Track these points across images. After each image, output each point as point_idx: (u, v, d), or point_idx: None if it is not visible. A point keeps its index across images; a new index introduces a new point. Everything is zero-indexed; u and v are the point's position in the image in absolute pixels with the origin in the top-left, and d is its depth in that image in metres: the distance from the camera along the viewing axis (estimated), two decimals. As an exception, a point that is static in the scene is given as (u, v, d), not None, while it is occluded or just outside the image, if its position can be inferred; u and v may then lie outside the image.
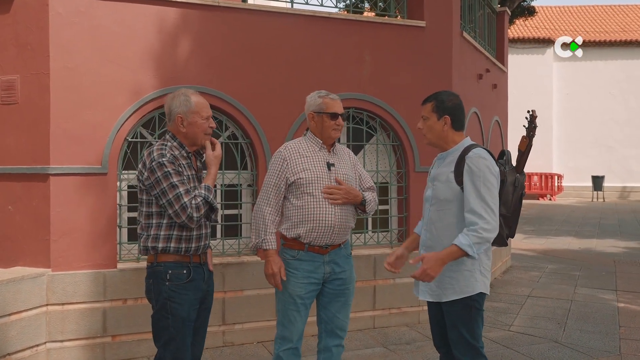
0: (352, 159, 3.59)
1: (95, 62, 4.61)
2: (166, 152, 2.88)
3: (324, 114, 3.39)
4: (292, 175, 3.32)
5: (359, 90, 5.54)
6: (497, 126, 8.59)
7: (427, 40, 5.85)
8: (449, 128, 3.04)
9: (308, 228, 3.28)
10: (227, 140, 5.21)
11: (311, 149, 3.42)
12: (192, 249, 2.94)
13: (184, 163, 2.94)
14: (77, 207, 4.55)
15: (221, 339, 4.93)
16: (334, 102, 3.42)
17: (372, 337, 5.25)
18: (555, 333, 5.44)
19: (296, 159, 3.35)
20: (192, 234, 2.93)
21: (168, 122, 3.03)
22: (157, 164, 2.83)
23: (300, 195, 3.31)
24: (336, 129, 3.40)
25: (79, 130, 4.55)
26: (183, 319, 2.88)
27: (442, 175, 3.06)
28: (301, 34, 5.36)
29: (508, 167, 3.14)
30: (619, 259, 9.77)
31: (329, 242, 3.34)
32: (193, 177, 2.98)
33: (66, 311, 4.48)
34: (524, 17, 19.93)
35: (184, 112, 2.95)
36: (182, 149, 2.98)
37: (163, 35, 4.85)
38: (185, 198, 2.82)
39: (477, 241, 2.81)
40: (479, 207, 2.84)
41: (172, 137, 2.99)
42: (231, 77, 5.07)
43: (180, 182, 2.84)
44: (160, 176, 2.82)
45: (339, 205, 3.32)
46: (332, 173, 3.37)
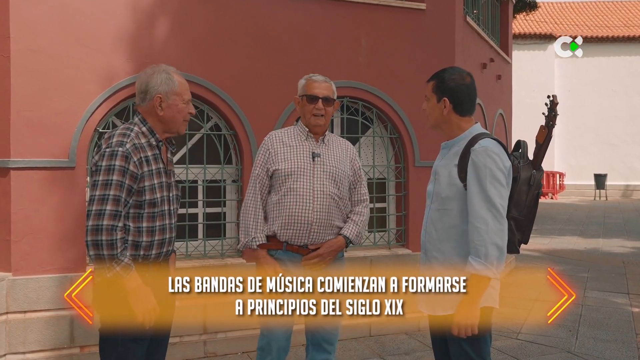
0: (350, 154, 3.22)
1: (62, 44, 4.21)
2: (127, 142, 2.41)
3: (304, 96, 3.09)
4: (272, 165, 3.03)
5: (354, 77, 5.10)
6: (501, 119, 8.16)
7: (428, 24, 5.41)
8: (449, 112, 2.60)
9: (282, 224, 2.98)
10: (210, 131, 4.78)
11: (297, 137, 3.11)
12: (152, 256, 2.51)
13: (149, 155, 2.48)
14: (41, 205, 4.13)
15: (202, 349, 4.49)
16: (316, 83, 3.09)
17: (367, 346, 4.82)
18: (567, 342, 5.01)
19: (279, 148, 3.06)
20: (153, 240, 2.49)
21: (140, 102, 2.56)
22: (110, 153, 2.37)
23: (279, 188, 3.01)
24: (316, 115, 3.05)
25: (44, 120, 4.15)
26: (134, 338, 2.44)
27: (445, 168, 2.62)
28: (291, 16, 4.92)
29: (523, 161, 2.68)
30: (628, 260, 9.36)
31: (307, 241, 3.00)
32: (160, 171, 2.52)
33: (29, 320, 4.08)
34: (526, 12, 19.53)
35: (165, 92, 2.51)
36: (151, 137, 2.52)
37: (139, 15, 4.42)
38: (106, 220, 2.34)
39: (492, 260, 2.38)
40: (484, 210, 2.40)
41: (142, 120, 2.53)
42: (214, 62, 4.64)
43: (115, 199, 2.35)
44: (103, 169, 2.37)
45: (318, 201, 2.98)
46: (317, 164, 3.04)
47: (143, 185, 2.43)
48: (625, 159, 24.21)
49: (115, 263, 2.33)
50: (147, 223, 2.46)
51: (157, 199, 2.47)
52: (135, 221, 2.44)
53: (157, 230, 2.50)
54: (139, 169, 2.41)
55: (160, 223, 2.51)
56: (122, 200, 2.37)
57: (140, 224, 2.44)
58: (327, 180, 3.03)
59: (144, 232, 2.46)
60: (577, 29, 25.06)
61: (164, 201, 2.53)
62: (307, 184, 2.99)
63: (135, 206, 2.43)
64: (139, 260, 2.46)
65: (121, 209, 2.37)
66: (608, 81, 24.49)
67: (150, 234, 2.48)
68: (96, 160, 2.41)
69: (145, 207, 2.45)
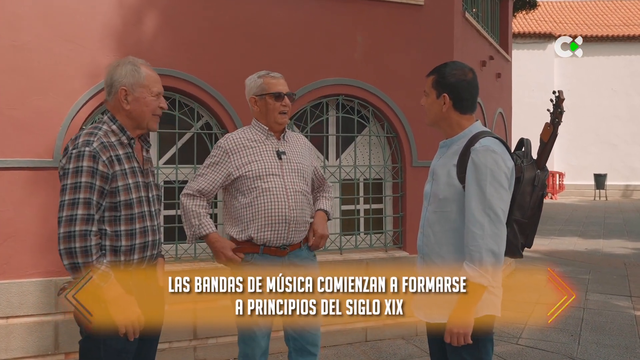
0: (308, 148, 3.20)
1: (47, 40, 4.06)
2: (94, 140, 2.25)
3: (266, 95, 2.99)
4: (236, 170, 2.93)
5: (349, 75, 4.95)
6: (500, 119, 8.01)
7: (426, 20, 5.26)
8: (449, 109, 2.46)
9: (259, 226, 2.89)
10: (200, 130, 4.63)
11: (257, 138, 3.02)
12: (134, 261, 2.36)
13: (120, 153, 2.32)
14: (25, 206, 3.98)
15: (192, 355, 4.34)
16: (277, 80, 3.02)
17: (363, 352, 4.67)
18: (569, 347, 4.86)
19: (240, 151, 2.96)
20: (134, 244, 2.34)
21: (107, 96, 2.41)
22: (77, 154, 2.21)
23: (248, 191, 2.91)
24: (283, 112, 3.00)
25: (27, 118, 4.00)
26: (118, 351, 2.28)
27: (443, 168, 2.47)
28: (285, 11, 4.77)
29: (527, 161, 2.53)
30: (630, 261, 9.22)
31: (286, 241, 2.94)
32: (134, 170, 2.36)
33: (11, 325, 3.93)
34: (525, 10, 19.37)
35: (130, 84, 2.36)
36: (122, 134, 2.36)
37: (126, 10, 4.27)
38: (78, 225, 2.18)
39: (487, 266, 2.24)
40: (481, 213, 2.26)
41: (112, 118, 2.38)
42: (204, 59, 4.49)
43: (86, 202, 2.19)
44: (70, 171, 2.21)
45: (292, 198, 2.93)
46: (284, 162, 2.98)
47: (116, 186, 2.28)
48: (625, 158, 24.06)
49: (92, 271, 2.17)
50: (125, 226, 2.30)
51: (132, 200, 2.32)
52: (111, 225, 2.28)
53: (137, 233, 2.34)
54: (109, 169, 2.25)
55: (141, 225, 2.35)
56: (93, 202, 2.21)
57: (117, 228, 2.29)
58: (297, 178, 2.99)
59: (123, 236, 2.30)
60: (577, 28, 24.91)
61: (143, 202, 2.37)
62: (278, 184, 2.93)
63: (110, 209, 2.28)
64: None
65: (94, 212, 2.21)
66: (608, 81, 24.34)
67: (129, 237, 2.32)
68: (63, 163, 2.25)
69: (122, 209, 2.29)
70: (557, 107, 2.53)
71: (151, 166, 2.54)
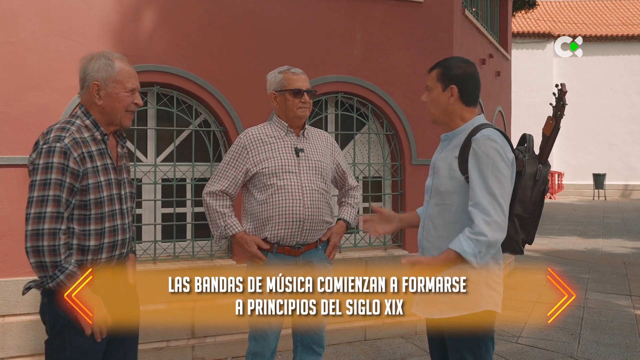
0: (331, 145, 3.13)
1: (43, 36, 4.02)
2: (65, 136, 2.18)
3: (286, 91, 2.96)
4: (253, 166, 2.90)
5: (348, 72, 4.92)
6: (500, 117, 7.99)
7: (426, 17, 5.23)
8: (456, 101, 2.45)
9: (274, 224, 2.86)
10: (199, 127, 4.60)
11: (276, 134, 2.98)
12: (102, 261, 2.29)
13: (93, 150, 2.25)
14: (21, 204, 3.88)
15: (190, 354, 4.31)
16: (297, 76, 2.99)
17: (362, 351, 4.64)
18: (569, 346, 4.83)
19: (258, 147, 2.92)
20: (102, 243, 2.27)
21: (81, 90, 2.35)
22: (47, 150, 2.15)
23: (264, 188, 2.88)
24: (302, 108, 2.95)
25: (24, 115, 3.97)
26: (85, 351, 2.22)
27: (444, 161, 2.46)
28: (284, 8, 4.74)
29: (529, 155, 2.51)
30: (629, 260, 9.20)
31: (300, 240, 2.91)
32: (107, 167, 2.29)
33: (7, 324, 3.89)
34: (525, 10, 19.36)
35: (103, 79, 2.29)
36: (95, 130, 2.29)
37: (123, 6, 4.24)
38: (47, 224, 2.11)
39: (481, 247, 2.22)
40: (485, 200, 2.24)
41: (85, 113, 2.31)
42: (202, 56, 4.46)
43: (56, 199, 2.13)
44: (40, 167, 2.14)
45: (308, 197, 2.88)
46: (302, 160, 2.93)
47: (87, 183, 2.21)
48: (625, 158, 24.05)
49: (59, 271, 2.11)
50: (95, 225, 2.23)
51: (103, 198, 2.25)
52: (80, 224, 2.21)
53: (106, 232, 2.27)
54: (80, 166, 2.18)
55: (110, 224, 2.28)
56: (63, 200, 2.14)
57: (87, 227, 2.22)
58: (314, 176, 2.94)
59: (92, 236, 2.23)
60: (576, 28, 24.90)
61: (114, 200, 2.30)
62: (294, 181, 2.89)
63: (80, 207, 2.21)
64: (87, 266, 2.22)
65: (63, 210, 2.14)
66: (607, 80, 24.32)
67: (98, 237, 2.25)
68: (33, 158, 2.19)
69: (92, 208, 2.22)
70: (560, 100, 2.51)
71: (126, 162, 2.47)
